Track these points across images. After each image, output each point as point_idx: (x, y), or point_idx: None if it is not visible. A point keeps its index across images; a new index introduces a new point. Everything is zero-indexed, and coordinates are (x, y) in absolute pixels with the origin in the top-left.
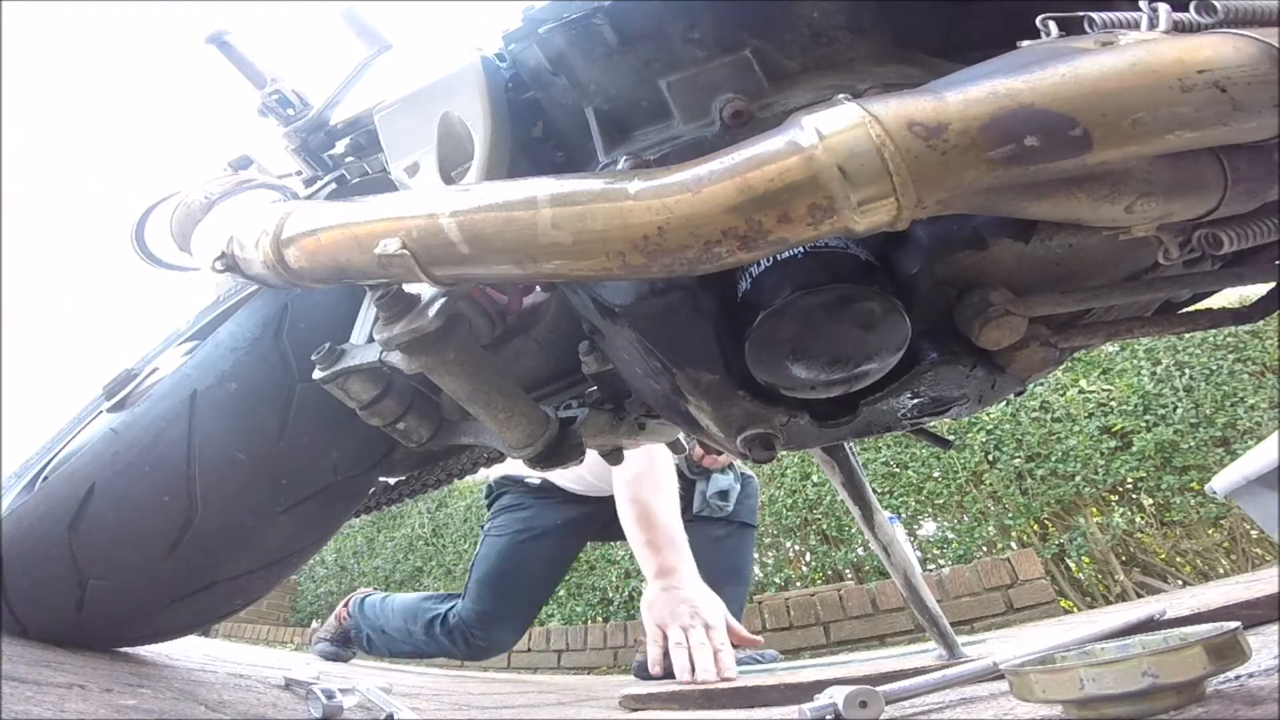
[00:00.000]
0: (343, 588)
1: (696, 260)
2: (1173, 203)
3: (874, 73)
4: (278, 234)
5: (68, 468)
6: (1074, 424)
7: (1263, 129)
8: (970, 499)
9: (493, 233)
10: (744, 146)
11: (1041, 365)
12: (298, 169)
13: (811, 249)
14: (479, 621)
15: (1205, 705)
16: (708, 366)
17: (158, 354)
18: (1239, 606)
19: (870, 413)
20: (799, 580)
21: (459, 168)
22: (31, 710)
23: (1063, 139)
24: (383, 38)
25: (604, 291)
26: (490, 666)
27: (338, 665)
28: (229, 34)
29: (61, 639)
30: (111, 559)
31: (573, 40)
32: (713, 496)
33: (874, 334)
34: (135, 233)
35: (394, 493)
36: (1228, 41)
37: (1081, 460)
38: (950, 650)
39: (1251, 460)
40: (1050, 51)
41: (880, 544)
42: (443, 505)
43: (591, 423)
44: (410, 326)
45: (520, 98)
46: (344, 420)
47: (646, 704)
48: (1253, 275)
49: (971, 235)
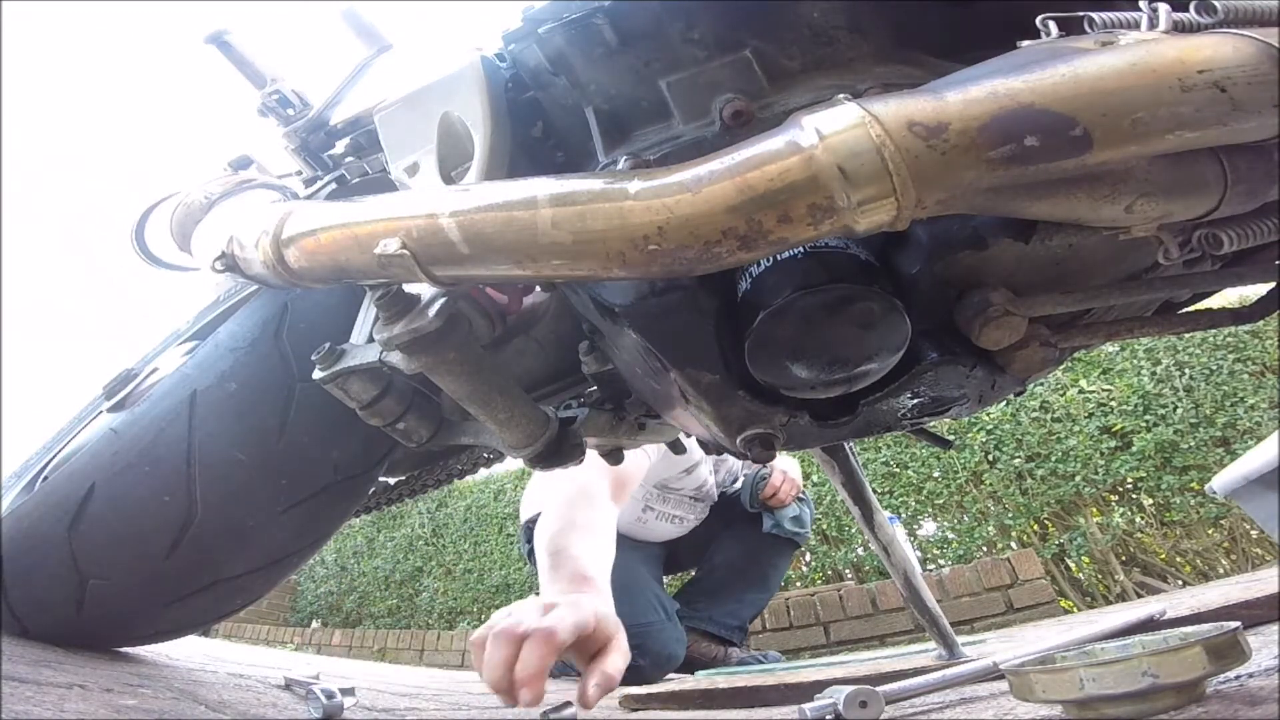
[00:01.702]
0: (342, 587)
1: (696, 260)
2: (1173, 203)
3: (874, 73)
4: (278, 234)
5: (68, 468)
6: (1074, 424)
7: (1263, 129)
8: (970, 499)
9: (493, 233)
10: (744, 146)
11: (1041, 365)
12: (298, 169)
13: (811, 249)
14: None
15: (1205, 705)
16: (708, 366)
17: (158, 354)
18: (1239, 606)
19: (870, 413)
20: (799, 580)
21: (459, 168)
22: (31, 710)
23: (1063, 139)
24: (383, 38)
25: (604, 291)
26: None
27: (338, 665)
28: (229, 34)
29: (61, 639)
30: (111, 559)
31: (572, 40)
32: (790, 524)
33: (874, 334)
34: (135, 233)
35: (394, 493)
36: (1228, 41)
37: (1081, 460)
38: (950, 650)
39: (1251, 460)
40: (1050, 51)
41: (880, 544)
42: (443, 505)
43: (591, 423)
44: (410, 326)
45: (520, 98)
46: (344, 420)
47: (646, 704)
48: (1253, 275)
49: (971, 235)
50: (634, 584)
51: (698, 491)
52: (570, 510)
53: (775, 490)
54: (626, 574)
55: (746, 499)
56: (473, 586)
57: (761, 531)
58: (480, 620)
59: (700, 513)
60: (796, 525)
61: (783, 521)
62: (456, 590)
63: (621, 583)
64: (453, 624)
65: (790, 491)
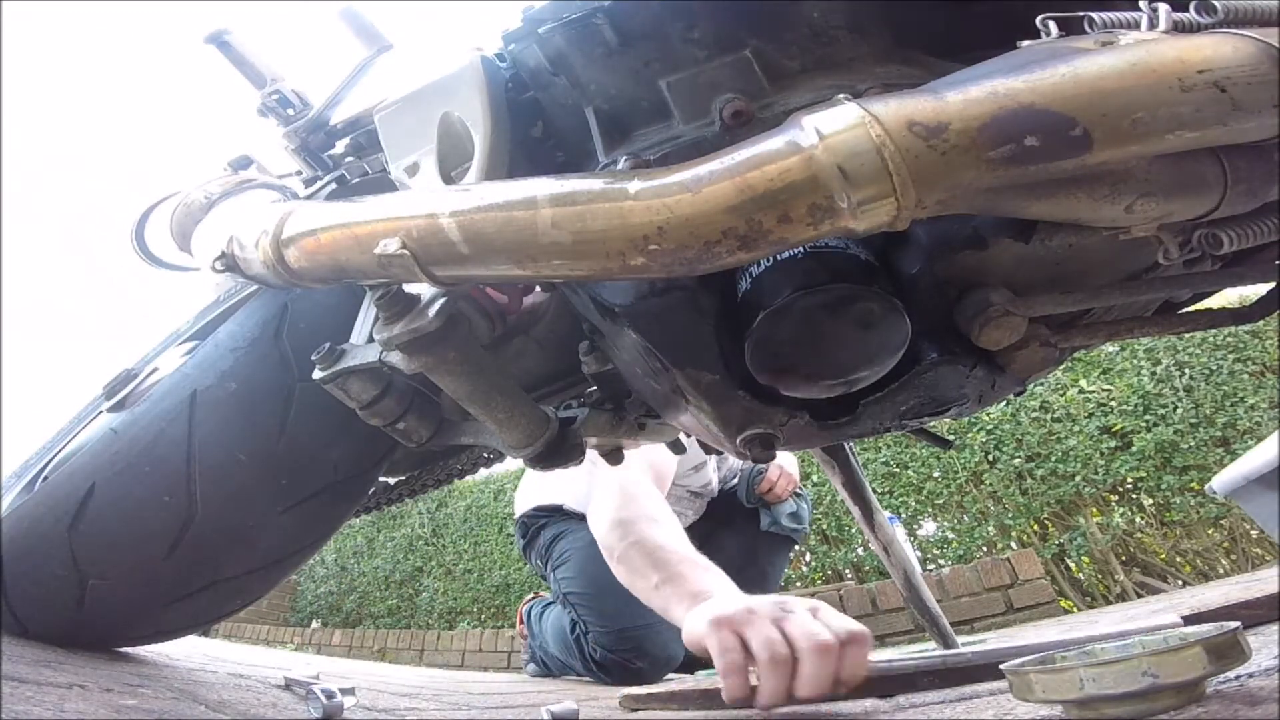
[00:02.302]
0: (342, 587)
1: (696, 260)
2: (1173, 203)
3: (874, 73)
4: (278, 234)
5: (68, 468)
6: (1074, 424)
7: (1263, 129)
8: (970, 499)
9: (493, 233)
10: (744, 146)
11: (1041, 365)
12: (298, 169)
13: (812, 249)
14: (622, 642)
15: (1205, 705)
16: (708, 366)
17: (158, 354)
18: (1239, 606)
19: (870, 413)
20: (799, 580)
21: (459, 168)
22: (31, 710)
23: (1063, 139)
24: (383, 38)
25: (604, 291)
26: (490, 666)
27: (338, 665)
28: (229, 34)
29: (61, 639)
30: (111, 559)
31: (572, 40)
32: (787, 520)
33: (874, 334)
34: (135, 233)
35: (394, 493)
36: (1228, 41)
37: (1081, 460)
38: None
39: (1251, 460)
40: (1050, 51)
41: (880, 544)
42: (443, 505)
43: (591, 423)
44: (410, 326)
45: (520, 98)
46: (344, 420)
47: (646, 704)
48: (1253, 275)
49: (971, 235)
50: None
51: (702, 489)
52: (647, 505)
53: (771, 485)
54: None
55: (743, 493)
56: (473, 586)
57: (759, 529)
58: (480, 620)
59: (698, 509)
60: (794, 521)
61: (780, 518)
62: (456, 590)
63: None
64: (453, 624)
65: (786, 486)
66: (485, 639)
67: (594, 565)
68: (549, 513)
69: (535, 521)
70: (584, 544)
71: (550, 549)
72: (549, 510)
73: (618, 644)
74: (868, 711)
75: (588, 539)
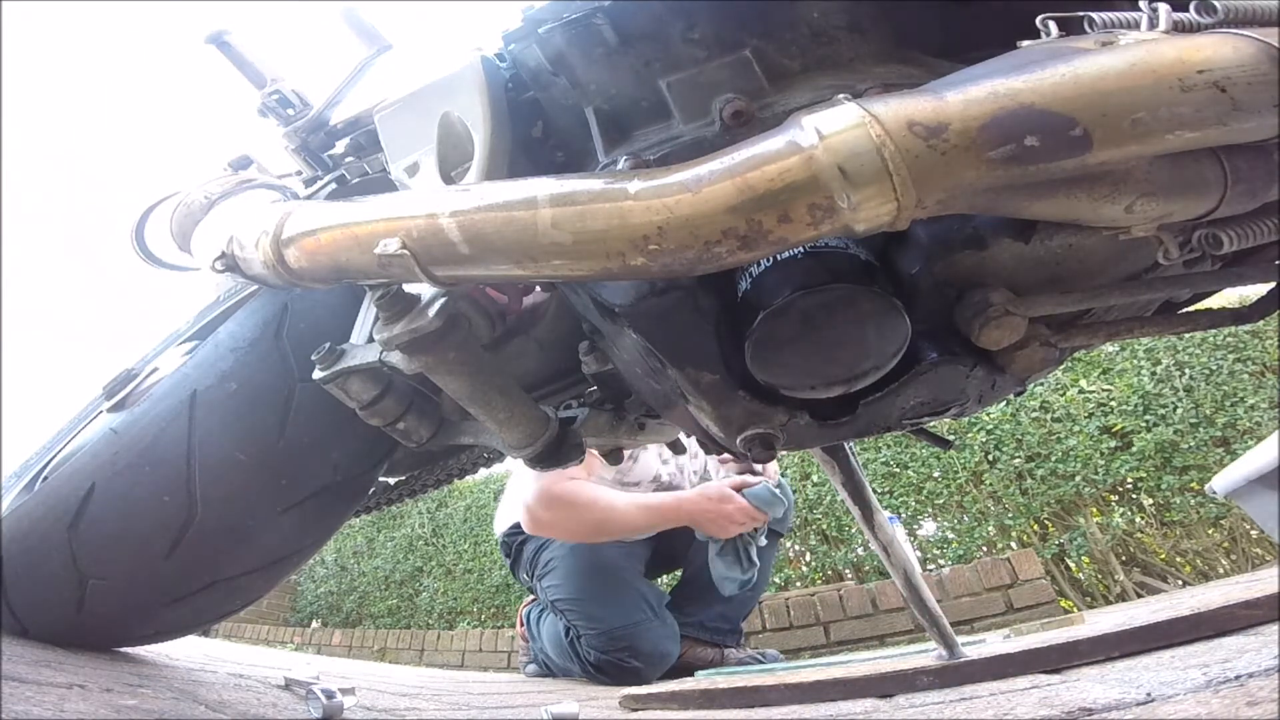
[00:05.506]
0: (342, 587)
1: (696, 260)
2: (1173, 203)
3: (874, 73)
4: (278, 234)
5: (68, 468)
6: (1074, 424)
7: (1263, 129)
8: (970, 499)
9: (493, 233)
10: (744, 146)
11: (1041, 365)
12: (298, 169)
13: (812, 249)
14: (613, 642)
15: (1205, 705)
16: (708, 366)
17: (158, 354)
18: (1239, 606)
19: (870, 413)
20: (799, 580)
21: (459, 168)
22: (31, 710)
23: (1063, 139)
24: (383, 38)
25: (604, 291)
26: (490, 667)
27: (338, 665)
28: (229, 34)
29: (61, 639)
30: (111, 559)
31: (573, 40)
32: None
33: (874, 334)
34: (135, 233)
35: (394, 493)
36: (1228, 41)
37: (1081, 460)
38: (950, 650)
39: (1251, 460)
40: (1050, 51)
41: (880, 544)
42: (443, 505)
43: (591, 423)
44: (410, 326)
45: (520, 98)
46: (344, 420)
47: (646, 704)
48: (1253, 275)
49: (971, 235)
50: (619, 583)
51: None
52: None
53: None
54: (610, 573)
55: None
56: (473, 586)
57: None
58: (480, 620)
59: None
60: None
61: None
62: (456, 590)
63: (606, 582)
64: (453, 624)
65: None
66: (485, 639)
67: (579, 571)
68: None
69: (515, 538)
70: (566, 551)
71: (534, 561)
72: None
73: (610, 645)
74: (868, 711)
75: (569, 547)
